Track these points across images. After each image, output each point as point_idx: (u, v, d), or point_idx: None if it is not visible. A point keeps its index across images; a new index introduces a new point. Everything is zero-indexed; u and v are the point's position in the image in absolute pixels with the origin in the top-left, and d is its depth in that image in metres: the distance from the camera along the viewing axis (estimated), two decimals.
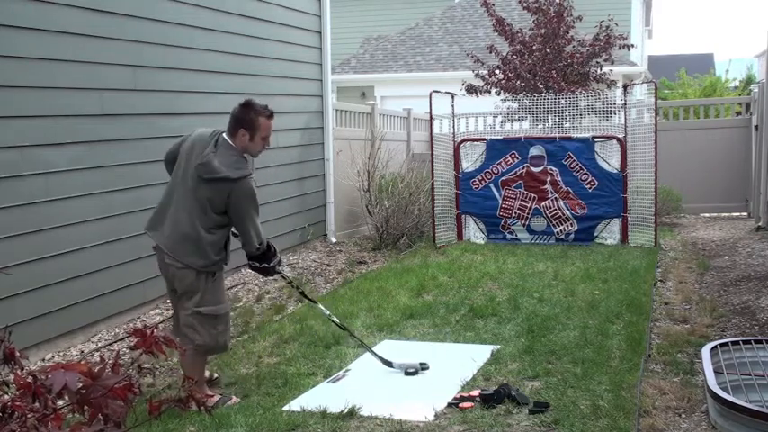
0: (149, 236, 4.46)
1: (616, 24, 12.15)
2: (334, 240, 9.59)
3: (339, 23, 15.39)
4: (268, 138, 4.44)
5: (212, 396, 4.32)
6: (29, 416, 1.69)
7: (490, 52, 12.63)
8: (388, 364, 4.83)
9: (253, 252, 4.44)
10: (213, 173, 4.22)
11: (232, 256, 4.63)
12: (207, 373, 4.61)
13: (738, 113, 13.03)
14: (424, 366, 4.84)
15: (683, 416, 4.06)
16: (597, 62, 12.20)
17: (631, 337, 5.28)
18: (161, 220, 4.39)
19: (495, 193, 9.55)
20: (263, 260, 4.52)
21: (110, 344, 5.61)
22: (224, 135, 4.36)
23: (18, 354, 1.93)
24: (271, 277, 5.30)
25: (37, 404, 1.70)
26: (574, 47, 12.14)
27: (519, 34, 12.32)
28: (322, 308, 5.00)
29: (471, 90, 12.30)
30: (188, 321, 4.33)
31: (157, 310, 6.41)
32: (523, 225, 9.48)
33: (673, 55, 37.25)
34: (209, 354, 4.52)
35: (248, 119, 4.32)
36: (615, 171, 9.16)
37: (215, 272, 4.39)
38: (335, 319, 4.98)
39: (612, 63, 12.68)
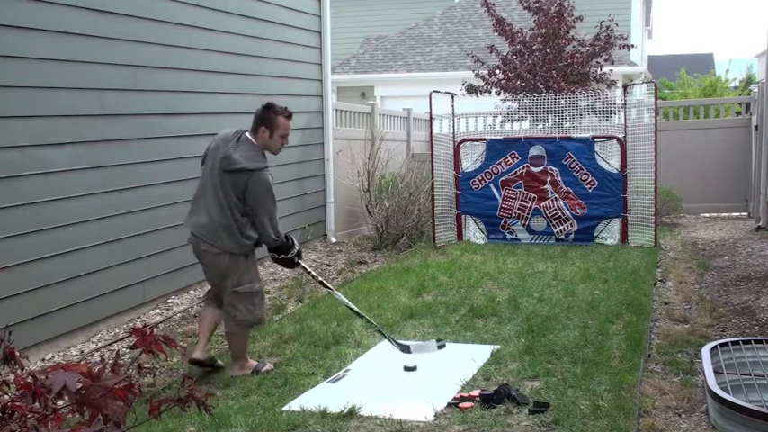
0: (188, 227, 4.85)
1: (616, 24, 12.15)
2: (334, 240, 9.59)
3: (339, 23, 15.40)
4: (286, 136, 4.90)
5: (252, 362, 4.87)
6: (29, 416, 1.69)
7: (491, 52, 12.64)
8: (406, 349, 5.03)
9: (269, 243, 4.84)
10: (233, 164, 4.66)
11: None
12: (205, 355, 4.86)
13: (738, 113, 13.04)
14: (440, 345, 5.10)
15: (683, 416, 4.05)
16: (597, 62, 12.20)
17: (631, 337, 5.28)
18: (196, 211, 4.82)
19: (495, 193, 9.55)
20: (281, 251, 4.91)
21: (110, 344, 5.61)
22: (246, 134, 4.82)
23: (18, 354, 1.93)
24: (293, 269, 5.59)
25: (37, 404, 1.70)
26: (574, 47, 12.15)
27: (519, 34, 12.33)
28: (341, 296, 5.25)
29: (471, 90, 12.30)
30: (229, 300, 4.81)
31: (157, 310, 6.41)
32: (523, 225, 9.48)
33: (673, 55, 37.27)
34: (249, 327, 4.96)
35: (268, 117, 4.80)
36: (615, 171, 9.16)
37: (247, 254, 4.81)
38: (354, 306, 5.23)
39: (612, 63, 12.68)
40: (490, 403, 4.12)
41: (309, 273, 5.18)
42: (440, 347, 5.06)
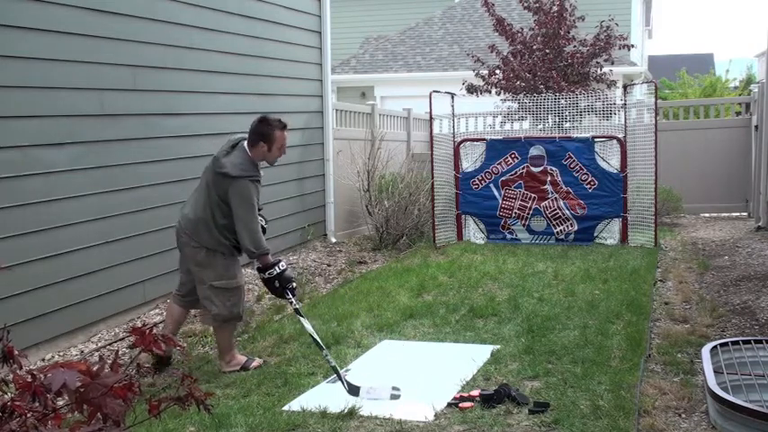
0: (180, 216, 5.02)
1: (616, 24, 12.16)
2: (334, 240, 9.59)
3: (339, 23, 15.39)
4: (284, 146, 5.01)
5: (241, 358, 4.97)
6: (28, 415, 1.69)
7: (491, 52, 12.64)
8: (354, 391, 4.38)
9: (248, 253, 4.87)
10: (219, 167, 4.80)
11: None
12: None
13: (738, 113, 13.04)
14: (394, 395, 4.39)
15: (683, 416, 4.05)
16: (597, 62, 12.20)
17: (631, 337, 5.28)
18: (187, 203, 5.02)
19: (495, 193, 9.55)
20: (263, 270, 4.84)
21: (110, 344, 5.61)
22: (244, 143, 4.90)
23: (17, 353, 1.93)
24: (280, 299, 5.17)
25: (37, 404, 1.70)
26: (574, 47, 12.15)
27: (519, 34, 12.33)
28: (308, 326, 4.83)
29: (471, 90, 12.30)
30: (205, 294, 4.91)
31: (157, 310, 6.41)
32: (523, 225, 9.48)
33: (673, 55, 37.26)
34: (225, 322, 4.97)
35: (266, 132, 4.87)
36: (615, 171, 9.16)
37: (225, 252, 4.89)
38: (318, 339, 4.76)
39: (613, 63, 12.69)
40: (490, 403, 4.11)
41: (290, 302, 4.89)
42: (393, 397, 4.35)
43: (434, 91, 9.75)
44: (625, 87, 10.15)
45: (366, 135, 10.50)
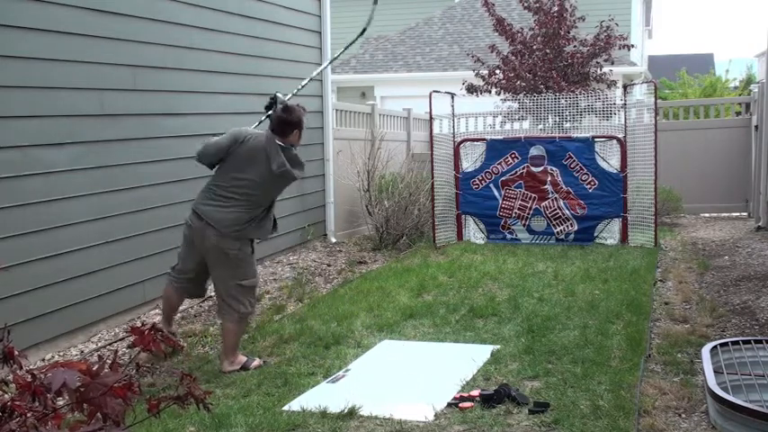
0: (198, 212, 4.91)
1: (617, 24, 12.16)
2: (334, 240, 9.59)
3: (339, 23, 15.36)
4: None
5: (242, 357, 4.97)
6: (28, 415, 1.69)
7: (491, 52, 12.65)
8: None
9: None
10: (279, 167, 4.85)
11: None
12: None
13: (738, 113, 13.04)
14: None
15: (683, 416, 4.05)
16: (597, 62, 12.20)
17: (631, 337, 5.28)
18: (212, 199, 4.89)
19: (495, 193, 9.55)
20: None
21: (110, 344, 5.61)
22: (277, 140, 4.90)
23: (17, 353, 1.93)
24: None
25: (37, 404, 1.70)
26: (575, 47, 12.15)
27: (519, 34, 12.33)
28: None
29: (471, 89, 12.30)
30: (232, 293, 4.91)
31: (157, 310, 6.40)
32: (523, 225, 9.48)
33: (673, 55, 37.26)
34: (246, 319, 5.13)
35: (298, 120, 4.98)
36: (615, 171, 9.16)
37: (252, 248, 5.01)
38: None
39: (613, 63, 12.69)
40: (490, 403, 4.12)
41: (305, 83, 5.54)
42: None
43: (434, 91, 9.75)
44: (625, 87, 10.15)
45: (366, 135, 10.50)
